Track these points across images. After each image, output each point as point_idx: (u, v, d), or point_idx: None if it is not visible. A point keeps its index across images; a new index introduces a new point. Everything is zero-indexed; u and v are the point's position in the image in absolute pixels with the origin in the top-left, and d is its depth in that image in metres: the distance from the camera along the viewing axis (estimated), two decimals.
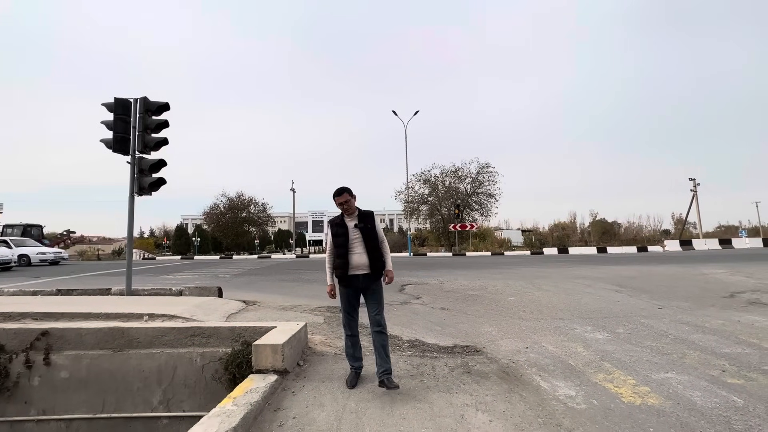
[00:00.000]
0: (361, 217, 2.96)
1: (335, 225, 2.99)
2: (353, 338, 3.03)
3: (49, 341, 3.72)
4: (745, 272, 9.61)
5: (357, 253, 2.89)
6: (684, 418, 2.44)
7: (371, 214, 3.03)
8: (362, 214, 2.99)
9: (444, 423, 2.40)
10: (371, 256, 2.90)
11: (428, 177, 34.01)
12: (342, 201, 2.94)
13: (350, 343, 3.04)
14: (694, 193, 33.78)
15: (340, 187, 2.97)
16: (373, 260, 2.90)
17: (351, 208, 2.95)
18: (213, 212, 39.74)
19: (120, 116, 6.15)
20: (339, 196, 2.95)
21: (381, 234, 3.04)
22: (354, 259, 2.89)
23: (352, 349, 3.04)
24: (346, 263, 2.89)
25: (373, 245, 2.93)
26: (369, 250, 2.90)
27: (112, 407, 3.65)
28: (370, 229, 2.93)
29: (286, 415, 2.52)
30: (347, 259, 2.89)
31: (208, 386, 3.59)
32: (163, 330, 3.77)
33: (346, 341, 3.07)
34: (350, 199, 2.96)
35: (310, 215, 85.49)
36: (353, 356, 3.04)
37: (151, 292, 6.50)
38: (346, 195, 2.95)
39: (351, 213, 2.96)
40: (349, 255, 2.89)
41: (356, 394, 2.85)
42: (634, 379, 3.06)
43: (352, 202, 2.96)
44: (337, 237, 2.93)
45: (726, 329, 4.53)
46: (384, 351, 2.90)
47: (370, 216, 3.01)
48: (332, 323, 4.96)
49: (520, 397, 2.76)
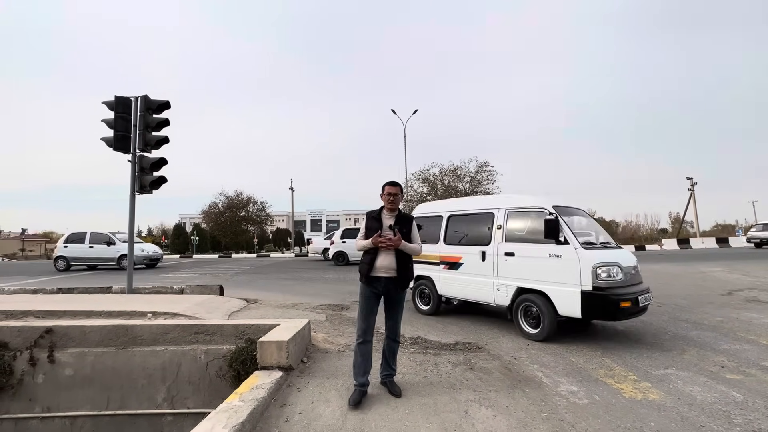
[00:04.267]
0: (399, 219, 2.82)
1: (371, 218, 2.84)
2: (366, 346, 2.75)
3: (53, 339, 3.73)
4: (742, 270, 9.68)
5: (384, 254, 2.73)
6: (684, 412, 2.48)
7: (411, 218, 2.90)
8: (402, 216, 2.85)
9: (448, 418, 2.43)
10: (400, 261, 2.73)
11: (427, 176, 33.98)
12: (393, 192, 2.81)
13: (361, 352, 2.74)
14: (692, 192, 33.91)
15: (396, 181, 2.89)
16: (401, 266, 2.73)
17: (396, 203, 2.83)
18: (212, 211, 39.60)
19: (121, 114, 6.15)
20: (393, 186, 2.83)
21: (417, 241, 2.88)
22: (380, 259, 2.72)
23: (363, 360, 2.73)
24: (372, 261, 2.73)
25: (404, 251, 2.77)
26: (399, 255, 2.74)
27: (116, 404, 3.67)
28: (405, 233, 2.78)
29: (292, 411, 2.54)
30: (374, 257, 2.74)
31: (212, 383, 3.61)
32: (167, 327, 3.78)
33: (356, 350, 2.76)
34: (399, 194, 2.84)
35: (309, 214, 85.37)
36: (362, 370, 2.73)
37: (153, 290, 6.51)
38: (399, 188, 2.86)
39: (392, 210, 2.84)
40: (377, 254, 2.74)
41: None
42: (634, 375, 3.10)
43: (399, 198, 2.84)
44: (369, 231, 2.77)
45: (724, 326, 4.58)
46: (393, 358, 2.87)
47: (409, 220, 2.87)
48: (334, 321, 4.98)
49: (523, 392, 2.80)
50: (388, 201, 2.82)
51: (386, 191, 2.82)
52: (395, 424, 2.37)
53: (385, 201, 2.84)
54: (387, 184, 2.85)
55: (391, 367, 2.86)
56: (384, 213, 2.85)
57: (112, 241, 13.95)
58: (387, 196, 2.82)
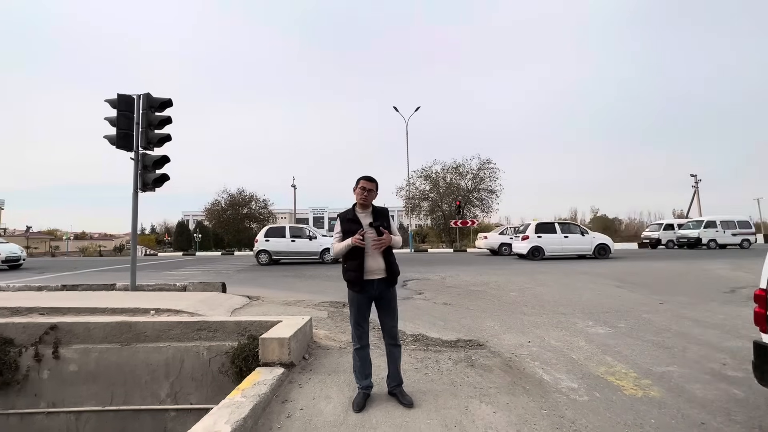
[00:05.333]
0: (376, 215, 2.68)
1: (347, 221, 2.66)
2: (364, 351, 2.70)
3: (58, 335, 3.77)
4: (745, 268, 9.64)
5: (372, 256, 2.60)
6: (685, 409, 2.48)
7: (386, 211, 2.75)
8: (377, 211, 2.71)
9: (449, 414, 2.44)
10: (387, 259, 2.64)
11: (429, 173, 33.97)
12: (368, 187, 2.66)
13: (360, 357, 2.70)
14: (696, 189, 33.75)
15: (372, 176, 2.73)
16: (389, 264, 2.63)
17: (369, 199, 2.69)
18: (214, 208, 39.78)
19: (123, 112, 6.17)
20: (369, 182, 2.68)
21: (396, 233, 2.75)
22: (369, 262, 2.59)
23: (362, 364, 2.69)
24: (361, 266, 2.57)
25: (389, 248, 2.67)
26: (385, 253, 2.64)
27: (120, 400, 3.71)
28: (386, 227, 2.66)
29: (294, 407, 2.57)
30: (362, 261, 2.58)
31: (215, 379, 3.64)
32: (170, 324, 3.81)
33: (354, 355, 2.72)
34: (374, 190, 2.70)
35: (311, 212, 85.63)
36: (363, 373, 2.69)
37: (156, 287, 6.55)
38: (375, 184, 2.71)
39: (366, 206, 2.69)
40: (364, 257, 2.58)
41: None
42: (635, 372, 3.11)
43: (374, 194, 2.71)
44: (347, 233, 2.61)
45: (727, 324, 4.57)
46: (398, 364, 2.74)
47: (384, 214, 2.72)
48: (336, 318, 5.01)
49: (524, 389, 2.81)
50: (362, 196, 2.65)
51: (361, 185, 2.66)
52: (396, 420, 2.38)
53: (357, 195, 2.68)
54: (362, 179, 2.69)
55: (398, 375, 2.72)
56: (357, 210, 2.69)
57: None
58: (361, 191, 2.65)
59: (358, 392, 2.67)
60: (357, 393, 2.68)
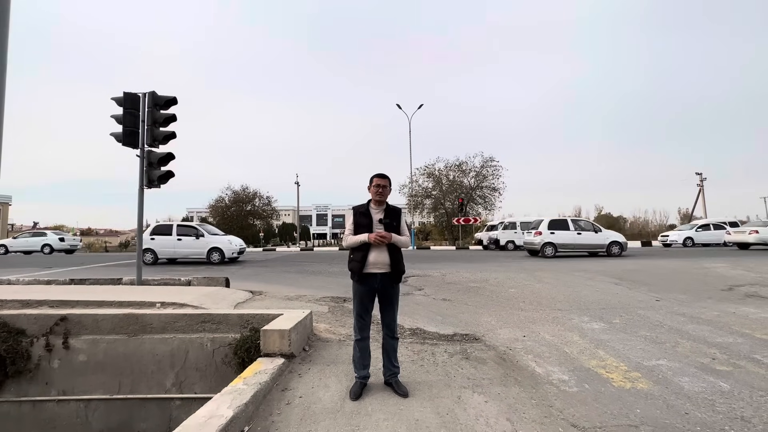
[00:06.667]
0: (388, 212, 2.79)
1: (359, 214, 2.78)
2: (364, 342, 2.80)
3: (68, 326, 3.91)
4: (746, 266, 9.65)
5: (377, 250, 2.70)
6: (670, 400, 2.57)
7: (399, 211, 2.86)
8: (390, 209, 2.82)
9: (442, 403, 2.55)
10: (393, 255, 2.73)
11: (432, 171, 33.96)
12: (382, 184, 2.77)
13: (360, 348, 2.79)
14: (701, 187, 33.54)
15: (384, 173, 2.84)
16: (394, 260, 2.73)
17: (384, 196, 2.80)
18: (218, 205, 40.01)
19: (129, 110, 6.30)
20: (382, 178, 2.79)
21: (406, 233, 2.86)
22: (373, 255, 2.69)
23: (361, 355, 2.79)
24: (365, 258, 2.69)
25: (395, 245, 2.77)
26: (391, 249, 2.73)
27: (127, 389, 3.85)
28: (395, 227, 2.77)
29: (293, 395, 2.68)
30: (366, 253, 2.70)
31: (218, 370, 3.76)
32: (175, 316, 3.94)
33: (355, 346, 2.83)
34: (388, 186, 2.81)
35: (314, 209, 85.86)
36: (362, 364, 2.79)
37: (161, 282, 6.70)
38: (388, 180, 2.82)
39: (380, 203, 2.81)
40: (369, 250, 2.70)
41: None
42: (626, 366, 3.19)
43: (388, 190, 2.82)
44: (358, 226, 2.74)
45: (720, 320, 4.63)
46: (394, 355, 2.83)
47: (397, 213, 2.84)
48: (336, 312, 5.12)
49: (515, 380, 2.90)
50: (377, 193, 2.77)
51: (375, 183, 2.78)
52: (390, 408, 2.49)
53: (373, 193, 2.80)
54: (376, 176, 2.80)
55: (393, 365, 2.81)
56: (372, 207, 2.80)
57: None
58: (375, 188, 2.77)
59: (356, 381, 2.78)
60: (354, 382, 2.79)
